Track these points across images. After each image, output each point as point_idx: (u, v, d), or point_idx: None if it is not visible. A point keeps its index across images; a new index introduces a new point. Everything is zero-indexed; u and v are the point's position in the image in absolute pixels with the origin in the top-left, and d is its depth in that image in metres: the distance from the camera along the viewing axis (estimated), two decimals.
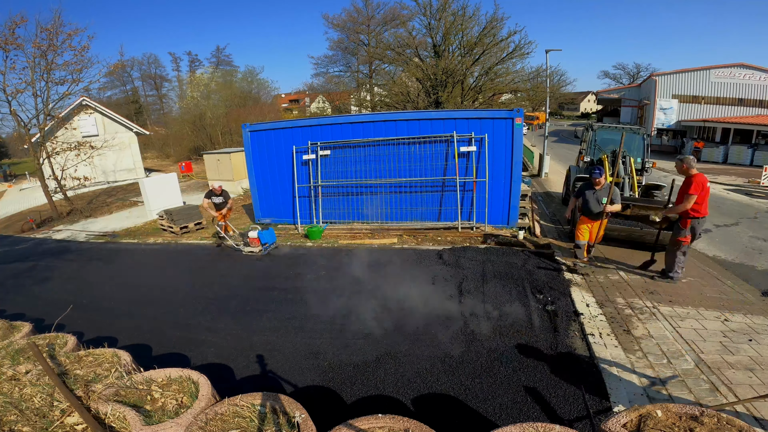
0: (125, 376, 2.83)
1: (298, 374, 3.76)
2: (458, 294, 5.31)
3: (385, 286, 5.66)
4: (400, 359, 3.87)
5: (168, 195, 12.76)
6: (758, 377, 3.38)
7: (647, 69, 52.86)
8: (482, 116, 8.14)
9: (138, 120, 41.21)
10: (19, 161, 36.88)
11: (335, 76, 40.55)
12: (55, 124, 16.53)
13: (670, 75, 27.96)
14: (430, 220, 8.77)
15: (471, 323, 4.49)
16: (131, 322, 5.29)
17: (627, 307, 4.78)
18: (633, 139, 9.70)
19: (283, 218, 9.96)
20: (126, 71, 50.65)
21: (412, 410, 3.18)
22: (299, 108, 53.71)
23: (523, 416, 2.99)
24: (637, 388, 3.30)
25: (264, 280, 6.49)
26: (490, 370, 3.61)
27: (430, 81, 23.12)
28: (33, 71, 14.02)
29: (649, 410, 2.03)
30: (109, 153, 21.16)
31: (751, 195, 12.44)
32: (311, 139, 9.08)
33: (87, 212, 15.17)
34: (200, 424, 2.22)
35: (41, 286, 7.23)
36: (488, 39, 22.14)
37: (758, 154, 20.22)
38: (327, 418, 2.53)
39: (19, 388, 2.76)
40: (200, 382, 2.63)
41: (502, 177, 8.14)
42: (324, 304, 5.24)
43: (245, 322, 4.97)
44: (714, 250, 7.03)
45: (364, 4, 36.33)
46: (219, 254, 8.25)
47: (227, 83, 36.46)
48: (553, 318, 4.52)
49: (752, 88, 25.81)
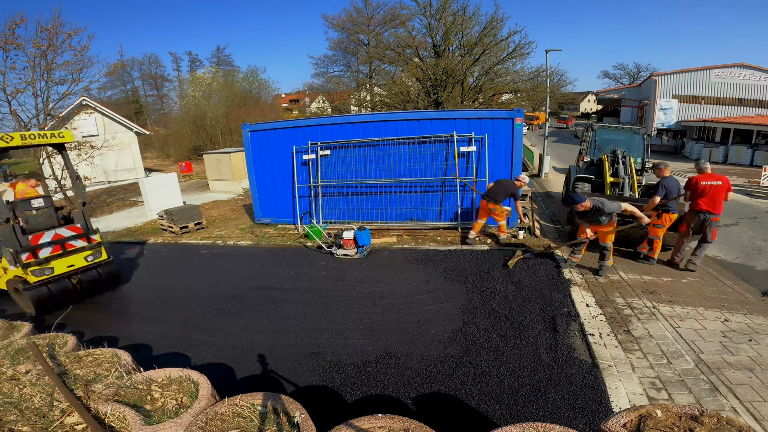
0: (125, 376, 2.83)
1: (298, 374, 3.76)
2: (458, 292, 5.31)
3: (387, 285, 5.67)
4: (400, 358, 3.88)
5: (168, 195, 12.76)
6: (758, 377, 3.39)
7: (647, 69, 52.89)
8: (482, 116, 8.13)
9: (138, 120, 41.21)
10: (20, 161, 36.87)
11: (335, 76, 40.63)
12: (55, 124, 16.51)
13: (670, 75, 27.96)
14: (430, 220, 8.77)
15: (471, 323, 4.49)
16: (131, 321, 5.29)
17: (627, 307, 4.78)
18: (633, 139, 9.70)
19: (283, 218, 9.96)
20: (126, 71, 50.71)
21: (412, 410, 3.18)
22: (299, 108, 53.72)
23: (523, 416, 3.00)
24: (637, 388, 3.30)
25: (261, 279, 6.48)
26: (489, 369, 3.61)
27: (430, 81, 23.13)
28: (33, 71, 14.00)
29: (649, 410, 2.03)
30: (109, 153, 21.13)
31: (751, 195, 12.44)
32: (311, 139, 9.08)
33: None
34: (200, 424, 2.22)
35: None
36: (488, 39, 22.16)
37: (758, 154, 20.22)
38: (327, 418, 2.53)
39: (19, 388, 2.76)
40: (200, 382, 2.63)
41: (502, 177, 8.12)
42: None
43: (244, 321, 4.98)
44: (714, 250, 7.02)
45: (364, 4, 36.37)
46: (218, 255, 8.25)
47: (228, 83, 36.45)
48: (553, 318, 4.52)
49: (752, 88, 25.81)
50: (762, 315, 4.52)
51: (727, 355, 3.73)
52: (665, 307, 4.75)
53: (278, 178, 9.73)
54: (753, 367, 3.54)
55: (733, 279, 5.71)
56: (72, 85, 15.02)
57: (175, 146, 33.28)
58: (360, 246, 7.27)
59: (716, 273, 5.93)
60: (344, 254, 7.23)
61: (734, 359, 3.67)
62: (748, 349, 3.81)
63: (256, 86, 39.61)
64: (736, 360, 3.65)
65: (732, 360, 3.66)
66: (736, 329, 4.20)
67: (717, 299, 4.98)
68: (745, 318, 4.45)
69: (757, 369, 3.50)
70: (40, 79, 14.36)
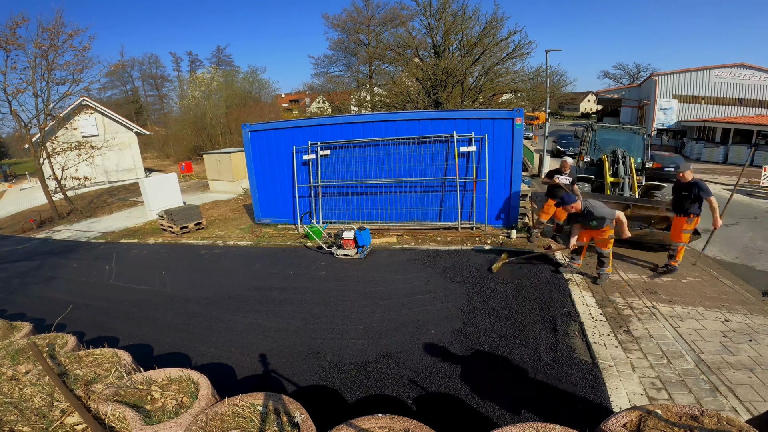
0: (125, 376, 2.83)
1: (298, 374, 3.76)
2: (458, 292, 5.31)
3: (390, 284, 5.67)
4: (400, 358, 3.87)
5: (168, 195, 12.77)
6: (758, 377, 3.38)
7: (647, 69, 52.91)
8: (482, 116, 8.14)
9: (138, 120, 41.22)
10: (20, 161, 36.90)
11: (335, 76, 40.61)
12: (55, 124, 16.55)
13: (670, 75, 27.98)
14: (430, 220, 8.77)
15: (471, 323, 4.49)
16: (131, 321, 5.29)
17: (627, 307, 4.77)
18: (633, 139, 9.69)
19: (283, 218, 9.96)
20: (126, 71, 50.70)
21: (412, 410, 3.18)
22: (299, 108, 53.71)
23: (523, 416, 2.99)
24: (638, 388, 3.30)
25: (261, 280, 6.48)
26: (489, 369, 3.61)
27: (430, 81, 23.12)
28: (34, 71, 14.02)
29: (649, 410, 2.03)
30: (110, 153, 21.19)
31: (751, 195, 12.43)
32: (311, 139, 9.08)
33: (87, 212, 15.18)
34: (200, 424, 2.22)
35: (43, 286, 7.24)
36: (488, 39, 22.14)
37: (758, 154, 20.22)
38: (328, 418, 2.53)
39: (19, 388, 2.76)
40: (200, 382, 2.63)
41: (502, 177, 8.14)
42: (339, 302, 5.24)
43: (244, 321, 4.97)
44: (714, 250, 7.02)
45: (364, 4, 36.39)
46: (219, 255, 8.25)
47: (228, 83, 36.46)
48: (553, 318, 4.52)
49: (752, 88, 25.82)
50: (762, 315, 4.52)
51: (728, 355, 3.73)
52: (665, 307, 4.74)
53: (278, 179, 9.73)
54: (753, 367, 3.54)
55: (733, 279, 5.71)
56: (72, 85, 15.06)
57: (175, 146, 33.31)
58: (360, 246, 7.27)
59: (716, 273, 5.92)
60: (344, 254, 7.22)
61: (734, 359, 3.66)
62: (748, 349, 3.81)
63: (256, 86, 39.63)
64: (736, 360, 3.65)
65: (732, 360, 3.65)
66: (736, 329, 4.20)
67: (717, 299, 4.97)
68: (745, 318, 4.45)
69: (757, 369, 3.50)
70: (41, 79, 14.39)
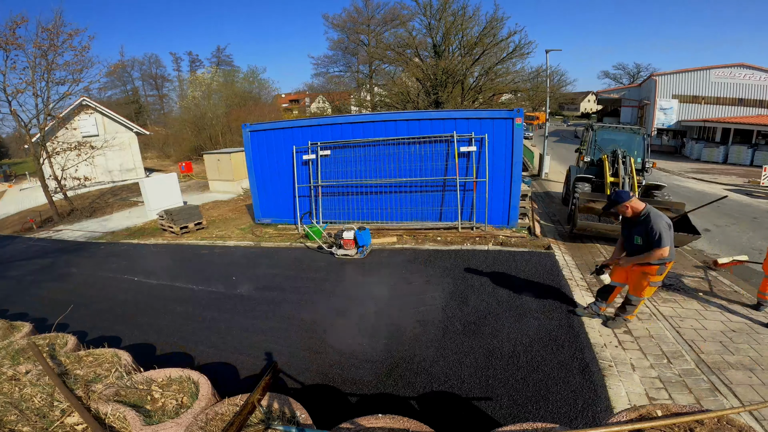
0: (125, 376, 2.83)
1: (299, 374, 3.76)
2: (458, 293, 5.31)
3: (392, 283, 5.66)
4: (401, 358, 3.87)
5: (168, 195, 12.77)
6: (758, 377, 3.39)
7: (647, 69, 52.95)
8: (482, 116, 8.13)
9: (138, 120, 41.25)
10: (20, 161, 36.88)
11: (335, 76, 40.65)
12: (55, 124, 16.53)
13: (670, 75, 27.98)
14: (430, 220, 8.76)
15: (471, 324, 4.49)
16: (132, 321, 5.29)
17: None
18: (633, 139, 9.69)
19: (283, 218, 9.96)
20: (126, 71, 50.69)
21: (412, 410, 3.17)
22: (299, 108, 53.70)
23: (523, 416, 2.99)
24: (638, 388, 3.30)
25: (261, 279, 6.48)
26: (490, 369, 3.61)
27: (430, 81, 23.14)
28: (33, 71, 14.01)
29: (649, 410, 2.03)
30: (110, 153, 21.16)
31: (751, 195, 12.44)
32: (311, 139, 9.08)
33: (87, 212, 15.18)
34: (200, 424, 2.22)
35: (43, 286, 7.24)
36: (488, 39, 22.18)
37: (758, 154, 20.22)
38: (328, 418, 2.53)
39: (19, 388, 2.76)
40: (200, 382, 2.63)
41: (502, 177, 8.13)
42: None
43: (244, 321, 4.98)
44: (714, 250, 7.02)
45: (364, 4, 36.43)
46: (219, 255, 8.25)
47: (228, 83, 36.45)
48: (553, 318, 4.52)
49: (752, 88, 25.82)
50: (762, 315, 4.52)
51: (727, 355, 3.73)
52: (665, 307, 4.75)
53: (278, 178, 9.73)
54: (753, 367, 3.54)
55: (733, 279, 5.71)
56: (72, 85, 15.05)
57: (175, 146, 33.28)
58: (360, 246, 7.26)
59: (716, 273, 5.93)
60: (344, 254, 7.22)
61: (734, 359, 3.67)
62: (748, 349, 3.81)
63: (256, 86, 39.62)
64: (736, 360, 3.65)
65: (732, 360, 3.66)
66: (736, 329, 4.20)
67: (717, 299, 4.98)
68: (745, 318, 4.45)
69: (757, 369, 3.50)
70: (41, 79, 14.37)
